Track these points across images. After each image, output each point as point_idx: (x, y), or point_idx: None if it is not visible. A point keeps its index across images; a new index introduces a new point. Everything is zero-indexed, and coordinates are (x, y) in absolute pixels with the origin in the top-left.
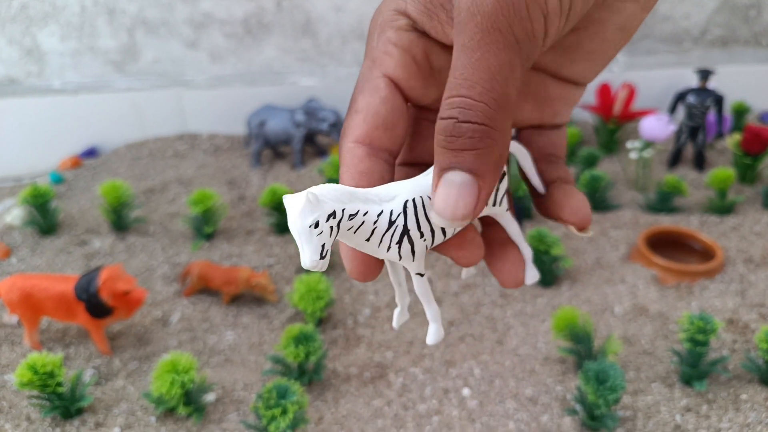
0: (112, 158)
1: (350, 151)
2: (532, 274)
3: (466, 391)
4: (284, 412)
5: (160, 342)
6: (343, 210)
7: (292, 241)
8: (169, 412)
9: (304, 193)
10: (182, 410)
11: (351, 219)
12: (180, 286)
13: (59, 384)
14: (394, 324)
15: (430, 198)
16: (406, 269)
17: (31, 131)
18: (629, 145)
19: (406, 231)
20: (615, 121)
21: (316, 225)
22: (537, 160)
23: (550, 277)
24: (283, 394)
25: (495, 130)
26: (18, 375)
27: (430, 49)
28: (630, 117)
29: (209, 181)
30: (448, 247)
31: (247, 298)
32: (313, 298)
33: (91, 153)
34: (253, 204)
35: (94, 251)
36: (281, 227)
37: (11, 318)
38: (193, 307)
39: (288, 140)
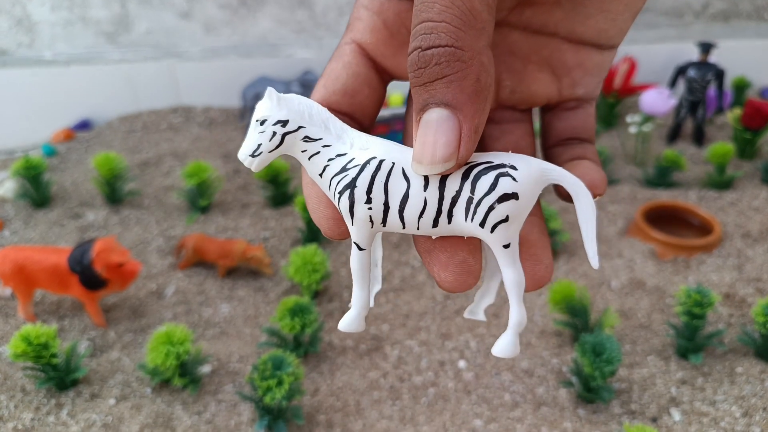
0: (106, 131)
1: None
2: (503, 346)
3: (462, 364)
4: (280, 383)
5: (155, 314)
6: (299, 127)
7: (288, 214)
8: (165, 384)
9: (270, 89)
10: (177, 381)
11: (306, 142)
12: (175, 259)
13: (54, 355)
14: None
15: (404, 170)
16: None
17: (22, 103)
18: (629, 119)
19: (352, 185)
20: (615, 95)
21: (263, 122)
22: (556, 145)
23: None
24: (278, 365)
25: (464, 51)
26: (12, 346)
27: (406, 14)
28: (630, 91)
29: (204, 154)
30: (432, 262)
31: (242, 271)
32: (308, 270)
33: (83, 125)
34: (249, 177)
35: (87, 224)
36: (277, 200)
37: (5, 290)
38: (188, 280)
39: None
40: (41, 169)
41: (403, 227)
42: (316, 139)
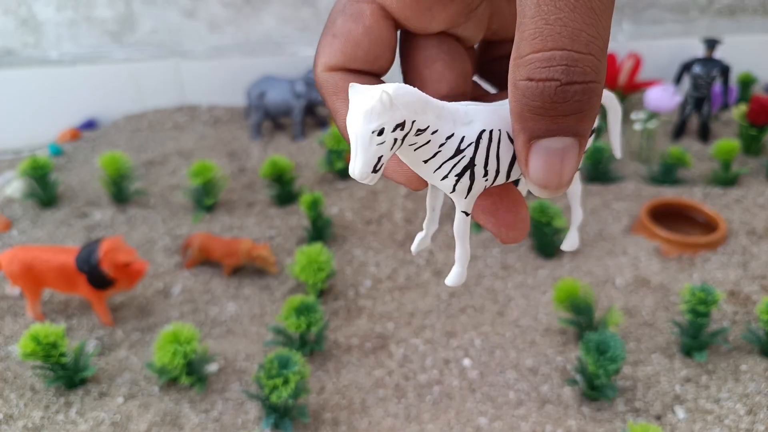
0: (111, 130)
1: (327, 81)
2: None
3: (466, 362)
4: (286, 382)
5: (162, 313)
6: (413, 122)
7: (293, 213)
8: (172, 382)
9: (378, 89)
10: (185, 380)
11: (418, 134)
12: (181, 258)
13: (62, 354)
14: (413, 248)
15: (509, 135)
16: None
17: (29, 103)
18: (634, 116)
19: (471, 165)
20: (620, 92)
21: (380, 132)
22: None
23: (551, 249)
24: (284, 364)
25: (600, 84)
26: (21, 346)
27: None
28: (635, 88)
29: (209, 153)
30: (498, 223)
31: (248, 270)
32: (314, 269)
33: (89, 125)
34: (254, 176)
35: (94, 223)
36: (282, 199)
37: (13, 290)
38: (195, 278)
39: (288, 111)
40: (48, 169)
41: (507, 179)
42: (425, 129)
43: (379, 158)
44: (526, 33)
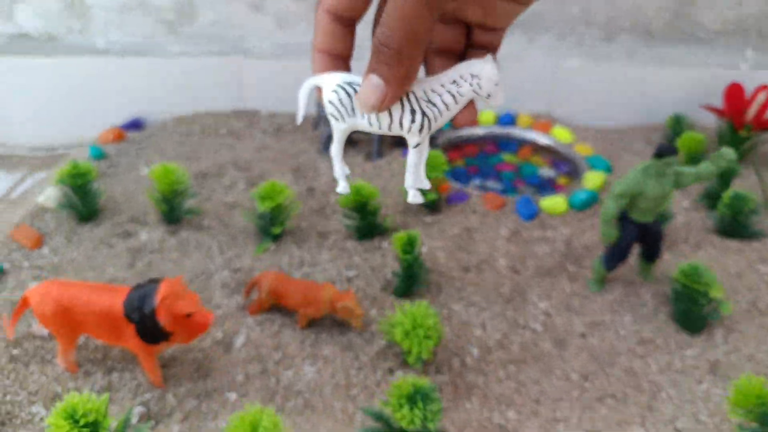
0: (159, 133)
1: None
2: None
3: None
4: None
5: (224, 374)
6: None
7: (374, 248)
8: None
9: None
10: None
11: None
12: (244, 300)
13: None
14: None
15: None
16: None
17: (68, 95)
18: None
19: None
20: (749, 128)
21: None
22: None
23: (699, 323)
24: None
25: (401, 54)
26: (53, 423)
27: None
28: (767, 125)
29: (270, 166)
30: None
31: (324, 320)
32: (420, 336)
33: (135, 125)
34: (324, 199)
35: (140, 245)
36: (362, 231)
37: (42, 329)
38: (260, 328)
39: None
40: (90, 177)
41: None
42: None
43: None
44: (383, 14)
